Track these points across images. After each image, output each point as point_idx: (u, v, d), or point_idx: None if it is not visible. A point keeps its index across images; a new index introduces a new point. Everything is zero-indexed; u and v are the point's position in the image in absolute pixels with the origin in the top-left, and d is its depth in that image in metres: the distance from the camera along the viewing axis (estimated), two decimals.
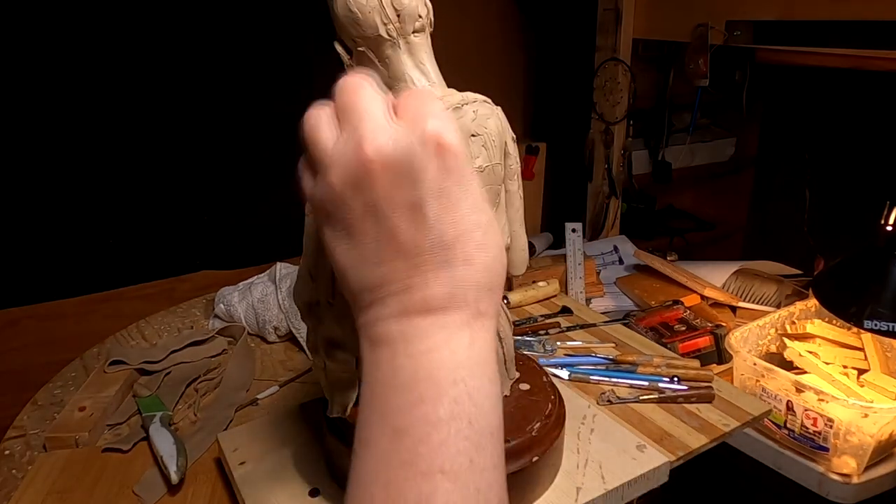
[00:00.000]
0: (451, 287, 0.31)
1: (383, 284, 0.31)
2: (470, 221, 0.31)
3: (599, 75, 1.46)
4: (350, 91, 0.32)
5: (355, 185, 0.30)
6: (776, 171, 1.75)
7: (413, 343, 0.30)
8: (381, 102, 0.31)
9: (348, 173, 0.30)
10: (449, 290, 0.31)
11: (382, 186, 0.30)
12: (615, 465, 0.57)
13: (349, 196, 0.30)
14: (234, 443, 0.62)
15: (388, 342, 0.31)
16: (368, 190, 0.30)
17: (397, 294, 0.31)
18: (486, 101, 0.48)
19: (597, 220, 1.58)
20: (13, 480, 0.64)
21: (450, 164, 0.31)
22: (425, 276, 0.31)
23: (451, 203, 0.31)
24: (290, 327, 0.88)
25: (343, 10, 0.46)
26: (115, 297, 1.26)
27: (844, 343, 0.99)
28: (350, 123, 0.31)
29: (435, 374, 0.30)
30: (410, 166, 0.30)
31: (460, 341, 0.31)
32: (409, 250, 0.31)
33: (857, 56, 1.04)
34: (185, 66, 1.22)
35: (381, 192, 0.30)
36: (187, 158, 1.27)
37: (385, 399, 0.30)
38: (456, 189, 0.31)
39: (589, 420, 0.64)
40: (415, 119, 0.31)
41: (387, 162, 0.30)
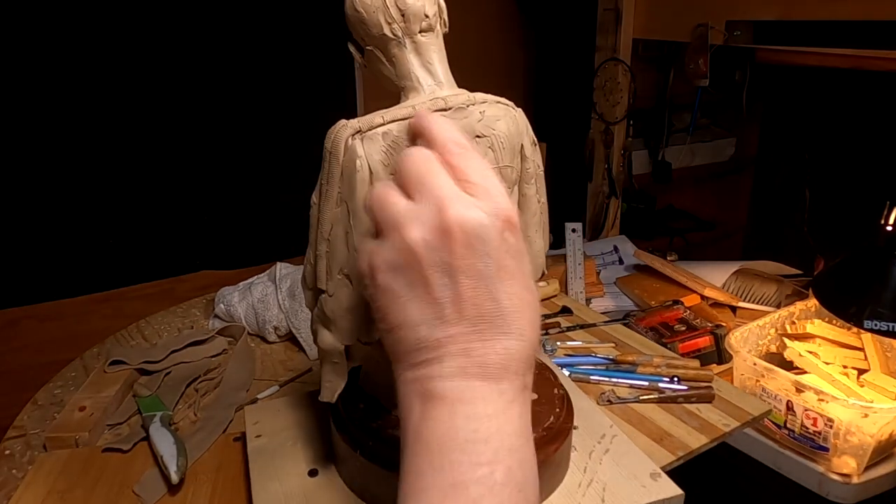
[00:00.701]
0: (506, 357, 0.33)
1: (444, 344, 0.33)
2: (524, 298, 0.34)
3: (599, 75, 1.46)
4: (419, 162, 0.35)
5: (433, 245, 0.32)
6: (776, 171, 1.75)
7: (473, 405, 0.32)
8: (444, 172, 0.34)
9: (427, 233, 0.33)
10: (504, 359, 0.33)
11: (458, 250, 0.32)
12: (621, 490, 0.54)
13: (424, 254, 0.33)
14: (256, 416, 0.65)
15: (446, 400, 0.32)
16: (445, 251, 0.32)
17: (456, 355, 0.32)
18: (501, 103, 0.48)
19: (597, 220, 1.58)
20: (13, 480, 0.64)
21: (512, 240, 0.34)
22: (485, 343, 0.32)
23: (511, 277, 0.33)
24: (290, 327, 0.88)
25: (350, 10, 0.47)
26: (115, 297, 1.26)
27: (844, 343, 0.99)
28: (425, 191, 0.33)
29: (494, 439, 0.31)
30: (484, 235, 0.33)
31: (514, 411, 0.33)
32: (473, 315, 0.32)
33: (857, 56, 1.04)
34: (185, 67, 1.22)
35: (457, 255, 0.32)
36: (188, 159, 1.27)
37: (442, 454, 0.31)
38: (514, 264, 0.34)
39: (606, 440, 0.61)
40: (487, 193, 0.34)
41: (465, 228, 0.32)
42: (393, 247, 0.34)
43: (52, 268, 1.20)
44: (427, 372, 0.33)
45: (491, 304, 0.33)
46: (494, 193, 0.34)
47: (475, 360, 0.32)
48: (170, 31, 1.19)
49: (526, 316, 0.34)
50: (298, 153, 1.33)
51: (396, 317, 0.34)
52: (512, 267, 0.34)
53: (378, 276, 0.34)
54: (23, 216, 1.15)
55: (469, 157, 0.35)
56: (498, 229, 0.33)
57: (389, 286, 0.34)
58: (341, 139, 0.44)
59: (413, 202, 0.34)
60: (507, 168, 0.48)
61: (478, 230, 0.32)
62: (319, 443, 0.60)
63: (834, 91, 1.48)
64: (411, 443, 0.33)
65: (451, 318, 0.33)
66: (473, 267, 0.32)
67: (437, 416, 0.32)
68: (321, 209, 0.46)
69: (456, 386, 0.32)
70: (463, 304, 0.32)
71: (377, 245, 0.35)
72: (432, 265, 0.33)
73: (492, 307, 0.33)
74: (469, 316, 0.32)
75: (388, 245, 0.34)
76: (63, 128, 1.14)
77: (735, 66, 1.51)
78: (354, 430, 0.54)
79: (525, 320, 0.34)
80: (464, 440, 0.31)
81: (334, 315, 0.48)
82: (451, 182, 0.34)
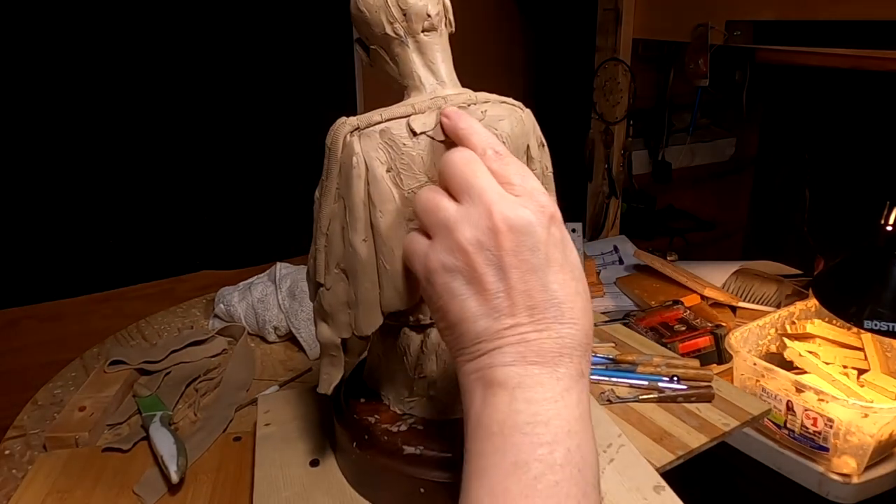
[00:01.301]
0: (561, 344, 0.35)
1: (502, 335, 0.35)
2: (574, 287, 0.36)
3: (599, 75, 1.46)
4: (462, 165, 0.37)
5: (485, 245, 0.35)
6: (776, 171, 1.75)
7: (532, 390, 0.34)
8: (487, 172, 0.37)
9: (479, 233, 0.35)
10: (559, 345, 0.34)
11: (508, 246, 0.35)
12: (621, 501, 0.53)
13: (477, 253, 0.35)
14: (268, 405, 0.66)
15: (506, 386, 0.34)
16: (496, 248, 0.35)
17: (514, 344, 0.34)
18: (506, 103, 0.48)
19: (597, 220, 1.58)
20: (13, 480, 0.64)
21: (558, 234, 0.37)
22: (540, 331, 0.34)
23: (560, 267, 0.36)
24: (290, 327, 0.88)
25: (354, 10, 0.47)
26: (115, 297, 1.26)
27: (844, 343, 0.99)
28: (474, 193, 0.36)
29: (553, 422, 0.33)
30: (531, 231, 0.35)
31: (572, 396, 0.34)
32: (527, 306, 0.35)
33: (857, 56, 1.04)
34: (185, 66, 1.22)
35: (507, 251, 0.35)
36: (187, 159, 1.27)
37: (504, 437, 0.33)
38: (561, 256, 0.36)
39: (612, 450, 0.60)
40: (530, 193, 0.36)
41: (513, 226, 0.35)
42: (446, 249, 0.36)
43: (52, 268, 1.20)
44: (488, 361, 0.35)
45: (543, 294, 0.35)
46: (536, 193, 0.37)
47: (532, 348, 0.34)
48: (170, 31, 1.19)
49: (577, 304, 0.36)
50: (299, 153, 1.33)
51: (456, 314, 0.36)
52: (559, 258, 0.36)
53: (434, 278, 0.37)
54: (23, 216, 1.15)
55: (507, 161, 0.38)
56: (544, 225, 0.35)
57: (447, 286, 0.36)
58: (340, 136, 0.45)
59: (461, 205, 0.36)
60: None
61: (525, 227, 0.35)
62: (324, 434, 0.61)
63: (834, 91, 1.48)
64: (473, 428, 0.35)
65: (506, 310, 0.35)
66: (524, 261, 0.35)
67: (497, 402, 0.34)
68: (321, 205, 0.47)
69: (515, 372, 0.34)
70: (516, 297, 0.34)
71: (430, 248, 0.37)
72: (485, 263, 0.35)
73: (544, 297, 0.35)
74: (523, 307, 0.34)
75: (440, 247, 0.36)
76: (63, 128, 1.14)
77: (735, 66, 1.52)
78: (353, 422, 0.54)
79: (577, 308, 0.35)
80: (524, 423, 0.33)
81: (331, 308, 0.48)
82: (496, 183, 0.36)
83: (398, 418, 0.53)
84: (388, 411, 0.54)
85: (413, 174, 0.44)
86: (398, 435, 0.52)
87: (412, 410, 0.54)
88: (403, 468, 0.49)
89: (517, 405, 0.33)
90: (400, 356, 0.52)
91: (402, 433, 0.52)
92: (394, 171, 0.44)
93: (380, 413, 0.54)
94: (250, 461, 0.61)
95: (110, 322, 1.10)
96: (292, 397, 0.68)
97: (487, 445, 0.33)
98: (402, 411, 0.54)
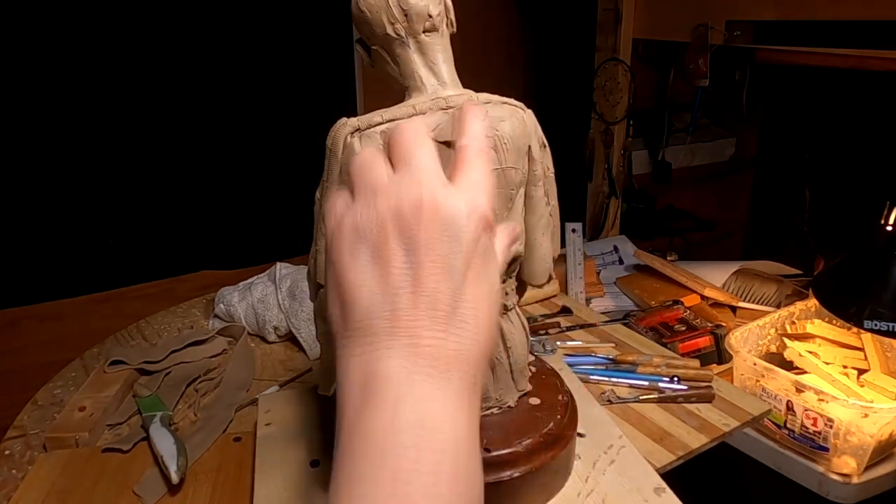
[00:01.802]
0: (458, 348, 0.31)
1: (394, 325, 0.31)
2: (486, 307, 0.33)
3: (599, 75, 1.46)
4: (410, 135, 0.34)
5: (402, 221, 0.32)
6: (776, 171, 1.75)
7: (421, 390, 0.30)
8: (436, 155, 0.34)
9: (400, 207, 0.32)
10: (457, 350, 0.31)
11: (427, 231, 0.31)
12: (622, 502, 0.53)
13: (391, 226, 0.32)
14: (269, 405, 0.66)
15: (392, 382, 0.30)
16: (413, 229, 0.31)
17: (409, 336, 0.31)
18: (508, 103, 0.48)
19: (597, 220, 1.58)
20: (13, 480, 0.64)
21: (486, 242, 0.33)
22: (437, 330, 0.31)
23: (476, 278, 0.32)
24: (290, 327, 0.88)
25: (355, 10, 0.47)
26: (115, 297, 1.26)
27: (844, 343, 0.99)
28: (410, 167, 0.33)
29: (441, 433, 0.30)
30: (457, 225, 0.32)
31: (463, 408, 0.31)
32: (431, 298, 0.31)
33: (857, 56, 1.04)
34: (186, 67, 1.22)
35: (423, 236, 0.31)
36: (188, 159, 1.27)
37: (385, 438, 0.29)
38: (481, 267, 0.33)
39: (613, 451, 0.59)
40: (472, 188, 0.33)
41: (440, 211, 0.32)
42: (364, 213, 0.33)
43: (52, 268, 1.20)
44: (372, 350, 0.31)
45: (450, 302, 0.31)
46: (479, 191, 0.33)
47: (427, 345, 0.31)
48: (171, 31, 1.19)
49: (483, 324, 0.32)
50: (299, 153, 1.33)
51: (350, 284, 0.32)
52: (479, 269, 0.33)
53: (340, 239, 0.33)
54: (23, 216, 1.15)
55: (479, 156, 0.35)
56: (473, 224, 0.32)
57: (352, 251, 0.33)
58: (340, 137, 0.45)
59: (396, 173, 0.33)
60: (511, 169, 0.48)
61: (452, 218, 0.32)
62: (324, 435, 0.61)
63: (834, 91, 1.48)
64: (350, 426, 0.31)
65: (406, 300, 0.31)
66: (440, 255, 0.31)
67: (380, 404, 0.30)
68: (322, 205, 0.47)
69: (404, 367, 0.30)
70: (422, 283, 0.31)
71: (347, 206, 0.34)
72: (398, 241, 0.32)
73: (450, 306, 0.31)
74: (426, 306, 0.31)
75: (359, 209, 0.33)
76: (63, 128, 1.14)
77: (735, 66, 1.51)
78: None
79: (483, 328, 0.32)
80: (407, 426, 0.29)
81: None
82: (438, 165, 0.33)
83: None
84: None
85: None
86: None
87: None
88: None
89: (403, 405, 0.30)
90: None
91: None
92: None
93: None
94: (250, 461, 0.61)
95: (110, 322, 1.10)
96: (293, 397, 0.68)
97: (368, 449, 0.29)
98: None
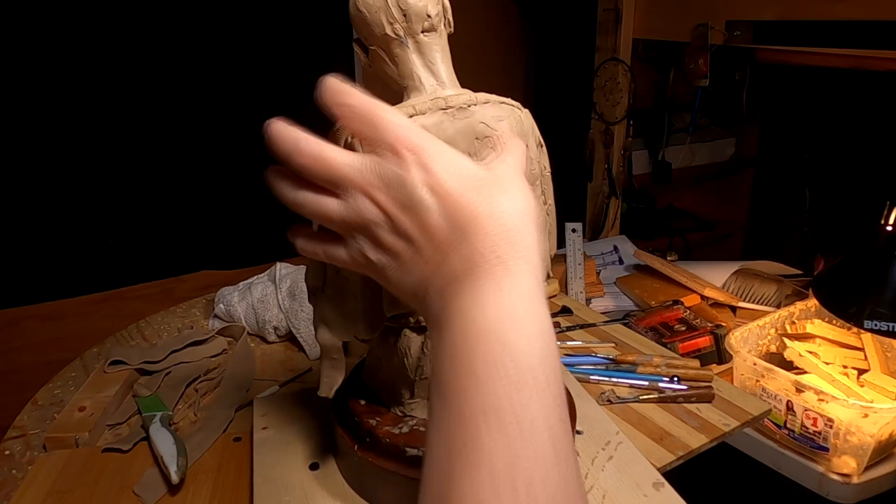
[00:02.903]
0: (467, 253, 0.32)
1: (424, 281, 0.34)
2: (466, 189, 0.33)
3: (599, 75, 1.46)
4: (366, 113, 0.35)
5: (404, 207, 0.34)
6: (776, 171, 1.75)
7: (453, 316, 0.32)
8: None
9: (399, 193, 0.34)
10: (466, 256, 0.32)
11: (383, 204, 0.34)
12: (621, 499, 0.53)
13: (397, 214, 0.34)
14: (264, 408, 0.66)
15: (439, 325, 0.33)
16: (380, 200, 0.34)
17: (434, 284, 0.34)
18: (506, 103, 0.48)
19: (597, 220, 1.58)
20: (13, 480, 0.64)
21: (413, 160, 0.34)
22: (447, 256, 0.33)
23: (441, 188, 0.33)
24: (290, 327, 0.88)
25: (353, 10, 0.47)
26: (115, 297, 1.26)
27: (844, 343, 0.99)
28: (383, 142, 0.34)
29: (469, 334, 0.30)
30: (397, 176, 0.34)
31: (487, 297, 0.31)
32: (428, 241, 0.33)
33: (857, 56, 1.04)
34: (186, 67, 1.22)
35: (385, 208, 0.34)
36: (188, 159, 1.27)
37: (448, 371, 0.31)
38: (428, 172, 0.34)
39: (611, 447, 0.60)
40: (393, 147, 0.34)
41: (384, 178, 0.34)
42: (365, 208, 0.35)
43: (52, 268, 1.20)
44: (425, 309, 0.34)
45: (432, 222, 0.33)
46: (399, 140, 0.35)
47: (445, 276, 0.33)
48: (170, 30, 1.19)
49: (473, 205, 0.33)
50: None
51: (391, 279, 0.36)
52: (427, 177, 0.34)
53: (354, 241, 0.37)
54: (23, 216, 1.15)
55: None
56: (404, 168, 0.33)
57: (370, 250, 0.36)
58: (340, 138, 0.45)
59: (366, 159, 0.35)
60: None
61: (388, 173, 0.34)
62: (323, 437, 0.60)
63: (834, 91, 1.48)
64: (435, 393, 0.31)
65: (417, 264, 0.34)
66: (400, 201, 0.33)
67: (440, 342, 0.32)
68: None
69: (440, 307, 0.33)
70: (421, 243, 0.34)
71: (342, 206, 0.36)
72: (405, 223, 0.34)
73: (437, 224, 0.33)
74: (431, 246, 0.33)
75: (357, 206, 0.35)
76: (63, 128, 1.14)
77: (735, 66, 1.52)
78: (353, 425, 0.54)
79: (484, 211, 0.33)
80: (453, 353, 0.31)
81: (330, 311, 0.48)
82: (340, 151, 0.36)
83: (400, 420, 0.53)
84: (389, 413, 0.54)
85: None
86: (400, 437, 0.51)
87: (414, 412, 0.54)
88: (406, 470, 0.49)
89: (446, 336, 0.31)
90: (401, 358, 0.52)
91: (403, 435, 0.52)
92: None
93: (381, 415, 0.54)
94: (250, 462, 0.60)
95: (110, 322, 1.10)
96: (288, 399, 0.68)
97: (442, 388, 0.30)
98: (403, 413, 0.54)
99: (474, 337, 0.30)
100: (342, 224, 0.36)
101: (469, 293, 0.32)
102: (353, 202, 0.35)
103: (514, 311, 0.31)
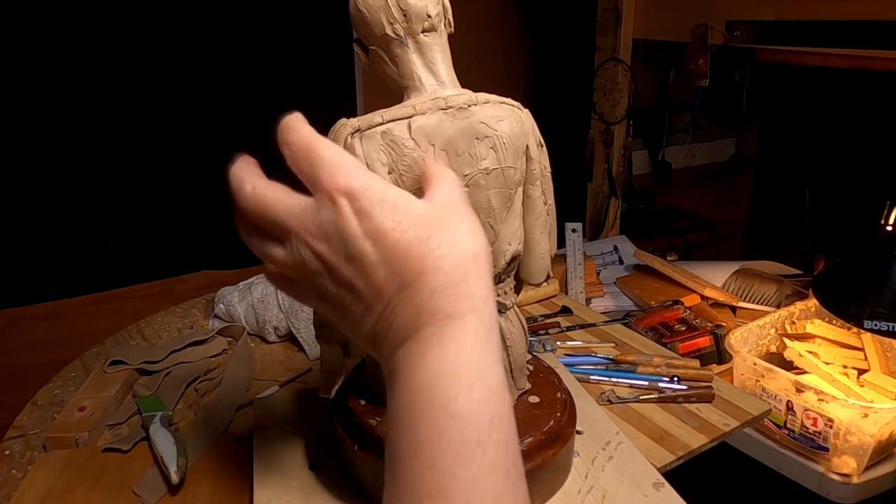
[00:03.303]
0: (413, 309, 0.31)
1: (374, 333, 0.33)
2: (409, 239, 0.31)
3: (599, 75, 1.46)
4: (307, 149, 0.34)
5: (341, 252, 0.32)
6: (776, 171, 1.75)
7: (400, 376, 0.31)
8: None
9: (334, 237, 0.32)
10: (412, 312, 0.31)
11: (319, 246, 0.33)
12: (621, 498, 0.53)
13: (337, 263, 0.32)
14: (264, 408, 0.66)
15: (390, 381, 0.32)
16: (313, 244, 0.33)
17: (384, 335, 0.32)
18: (506, 103, 0.48)
19: (597, 220, 1.58)
20: (13, 480, 0.64)
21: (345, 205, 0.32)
22: (394, 309, 0.32)
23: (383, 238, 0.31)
24: (290, 327, 0.88)
25: (353, 10, 0.47)
26: (115, 297, 1.26)
27: (844, 343, 0.99)
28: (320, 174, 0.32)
29: (414, 399, 0.29)
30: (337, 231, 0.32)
31: (431, 358, 0.30)
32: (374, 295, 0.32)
33: (857, 56, 1.04)
34: (186, 67, 1.22)
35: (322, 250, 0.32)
36: (188, 159, 1.27)
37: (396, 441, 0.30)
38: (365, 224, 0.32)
39: (611, 447, 0.60)
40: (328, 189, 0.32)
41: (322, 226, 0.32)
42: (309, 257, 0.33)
43: (52, 268, 1.20)
44: (379, 356, 0.33)
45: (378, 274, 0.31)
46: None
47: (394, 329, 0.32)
48: (171, 30, 1.19)
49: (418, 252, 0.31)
50: None
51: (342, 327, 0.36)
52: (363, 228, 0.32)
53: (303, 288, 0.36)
54: (23, 216, 1.15)
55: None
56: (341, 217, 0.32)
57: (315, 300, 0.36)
58: (340, 138, 0.45)
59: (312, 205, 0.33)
60: (509, 169, 0.48)
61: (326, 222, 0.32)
62: (323, 437, 0.60)
63: (834, 91, 1.48)
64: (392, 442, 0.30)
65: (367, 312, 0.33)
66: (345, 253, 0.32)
67: (392, 393, 0.31)
68: None
69: (393, 360, 0.32)
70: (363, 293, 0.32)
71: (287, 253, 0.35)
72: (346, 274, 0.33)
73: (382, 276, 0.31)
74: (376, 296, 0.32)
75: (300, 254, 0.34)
76: (63, 128, 1.14)
77: (735, 66, 1.52)
78: (354, 425, 0.54)
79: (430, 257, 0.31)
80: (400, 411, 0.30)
81: None
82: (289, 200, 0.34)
83: None
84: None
85: (415, 176, 0.44)
86: None
87: None
88: None
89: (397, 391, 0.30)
90: None
91: None
92: (395, 173, 0.44)
93: (381, 415, 0.54)
94: (250, 462, 0.60)
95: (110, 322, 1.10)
96: (287, 400, 0.68)
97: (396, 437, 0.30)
98: None
99: (420, 403, 0.29)
100: (289, 271, 0.35)
101: (415, 350, 0.30)
102: (296, 251, 0.33)
103: (459, 369, 0.30)
